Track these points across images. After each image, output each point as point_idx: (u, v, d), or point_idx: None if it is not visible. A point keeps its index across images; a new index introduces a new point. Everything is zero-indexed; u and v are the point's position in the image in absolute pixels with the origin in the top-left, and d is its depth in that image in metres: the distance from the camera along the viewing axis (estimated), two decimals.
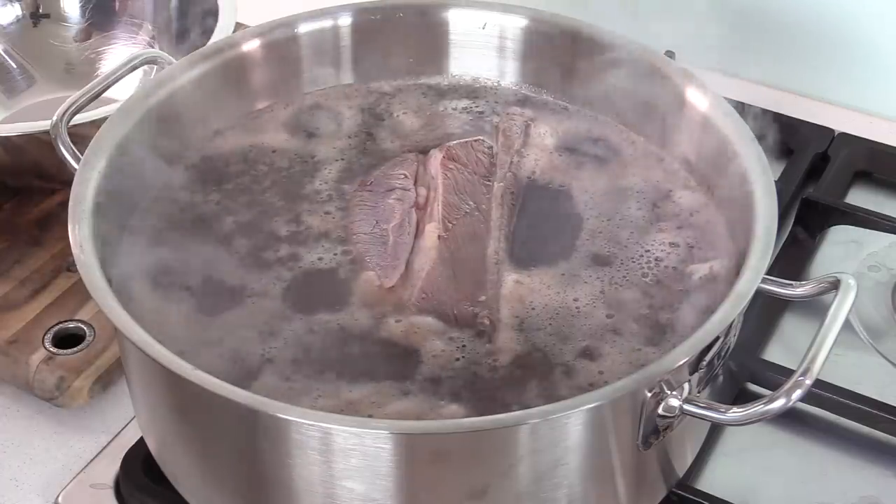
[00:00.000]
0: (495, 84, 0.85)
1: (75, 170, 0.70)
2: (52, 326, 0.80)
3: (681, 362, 0.60)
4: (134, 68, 0.78)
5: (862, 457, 0.75)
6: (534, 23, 0.83)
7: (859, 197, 0.94)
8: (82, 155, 0.71)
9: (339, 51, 0.84)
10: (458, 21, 0.84)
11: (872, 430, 0.76)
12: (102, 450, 0.76)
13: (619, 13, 0.88)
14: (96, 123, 0.74)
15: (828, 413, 0.76)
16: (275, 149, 0.80)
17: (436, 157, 0.78)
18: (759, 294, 0.64)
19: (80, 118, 0.75)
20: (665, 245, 0.73)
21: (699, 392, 0.63)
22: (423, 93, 0.85)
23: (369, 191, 0.76)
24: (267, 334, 0.67)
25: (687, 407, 0.60)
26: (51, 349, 0.79)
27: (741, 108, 0.76)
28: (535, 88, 0.84)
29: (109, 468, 0.74)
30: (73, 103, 0.74)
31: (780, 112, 0.98)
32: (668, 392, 0.60)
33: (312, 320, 0.68)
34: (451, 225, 0.73)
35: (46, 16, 1.04)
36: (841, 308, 0.61)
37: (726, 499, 0.70)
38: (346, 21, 0.83)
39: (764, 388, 0.78)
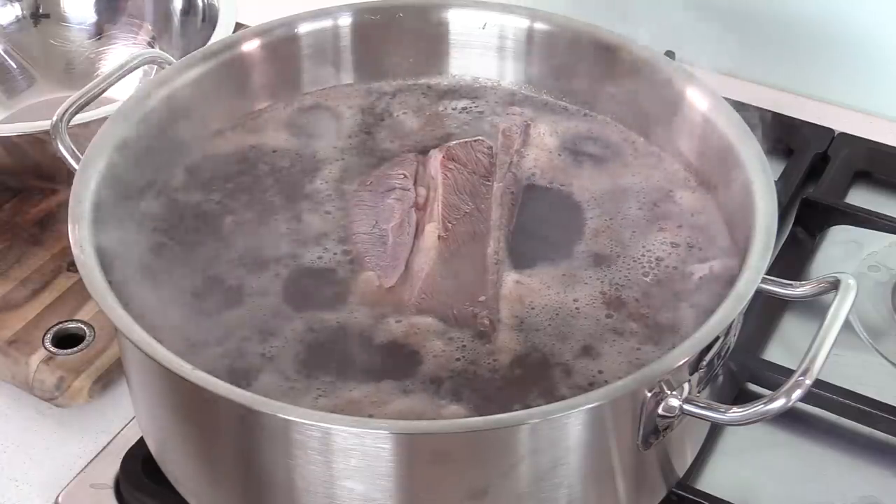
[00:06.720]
0: (495, 84, 0.85)
1: (75, 170, 0.70)
2: (52, 326, 0.80)
3: (681, 362, 0.60)
4: (134, 68, 0.78)
5: (862, 457, 0.75)
6: (534, 23, 0.83)
7: (859, 197, 0.94)
8: (82, 155, 0.71)
9: (339, 51, 0.84)
10: (458, 21, 0.84)
11: (872, 430, 0.76)
12: (102, 450, 0.76)
13: (619, 13, 0.87)
14: (96, 123, 0.74)
15: (828, 413, 0.76)
16: (275, 149, 0.80)
17: (436, 157, 0.78)
18: (759, 294, 0.64)
19: (80, 118, 0.75)
20: (665, 245, 0.73)
21: (699, 392, 0.63)
22: (423, 93, 0.84)
23: (369, 191, 0.76)
24: (267, 334, 0.67)
25: (687, 407, 0.60)
26: (51, 349, 0.79)
27: (741, 108, 0.75)
28: (535, 88, 0.84)
29: (109, 468, 0.74)
30: (73, 103, 0.74)
31: (780, 112, 0.98)
32: (668, 392, 0.60)
33: (312, 320, 0.68)
34: (451, 225, 0.73)
35: (46, 16, 1.04)
36: (841, 308, 0.61)
37: (726, 499, 0.70)
38: (346, 21, 0.83)
39: (764, 388, 0.77)
